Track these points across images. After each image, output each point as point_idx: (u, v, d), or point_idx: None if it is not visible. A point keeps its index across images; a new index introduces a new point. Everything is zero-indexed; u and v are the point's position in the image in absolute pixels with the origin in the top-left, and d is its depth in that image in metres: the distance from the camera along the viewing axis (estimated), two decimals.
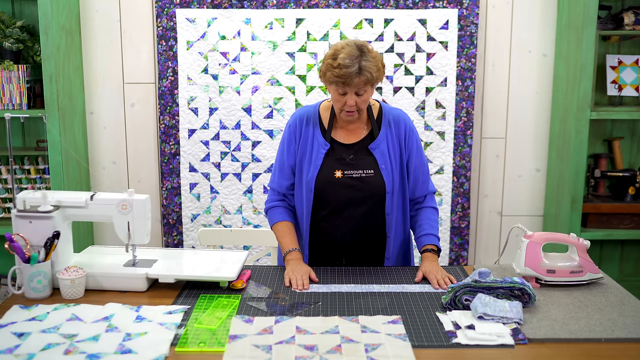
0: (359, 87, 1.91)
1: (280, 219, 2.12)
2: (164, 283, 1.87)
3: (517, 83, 3.26)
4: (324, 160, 2.05)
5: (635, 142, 3.32)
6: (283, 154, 2.12)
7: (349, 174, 2.03)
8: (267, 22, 3.14)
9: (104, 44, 3.22)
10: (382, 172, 2.04)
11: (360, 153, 2.06)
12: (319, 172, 2.04)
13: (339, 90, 1.94)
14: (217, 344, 1.50)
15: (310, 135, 2.08)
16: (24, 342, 1.49)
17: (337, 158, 2.05)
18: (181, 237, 3.31)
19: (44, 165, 3.15)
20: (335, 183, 2.03)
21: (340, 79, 1.89)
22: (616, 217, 3.12)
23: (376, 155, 2.05)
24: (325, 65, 1.94)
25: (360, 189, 2.03)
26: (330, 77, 1.91)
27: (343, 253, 2.12)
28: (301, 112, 2.13)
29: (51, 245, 1.81)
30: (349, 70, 1.87)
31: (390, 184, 2.04)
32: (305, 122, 2.09)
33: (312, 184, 2.04)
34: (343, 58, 1.88)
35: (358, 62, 1.88)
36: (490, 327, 1.56)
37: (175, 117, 3.21)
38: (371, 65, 1.89)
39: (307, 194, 2.06)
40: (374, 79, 1.92)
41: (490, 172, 3.34)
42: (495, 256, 3.39)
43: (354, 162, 2.04)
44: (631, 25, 2.97)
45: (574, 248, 1.91)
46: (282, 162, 2.12)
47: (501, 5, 3.19)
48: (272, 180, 2.17)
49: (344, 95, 1.94)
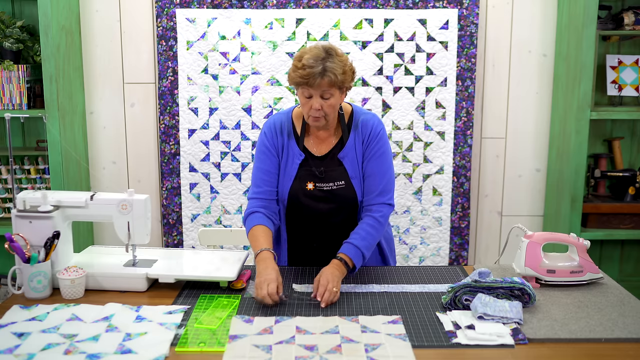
0: (323, 90, 1.88)
1: (254, 223, 2.00)
2: (164, 283, 1.87)
3: (517, 83, 3.26)
4: (297, 171, 2.03)
5: (635, 142, 3.32)
6: (260, 162, 2.06)
7: (320, 186, 2.02)
8: (267, 22, 3.14)
9: (104, 44, 3.22)
10: (352, 181, 2.02)
11: (330, 165, 2.03)
12: (292, 184, 2.03)
13: (304, 93, 1.91)
14: (217, 344, 1.50)
15: (285, 145, 2.05)
16: (24, 342, 1.49)
17: (309, 170, 2.03)
18: (181, 237, 3.31)
19: (44, 165, 3.15)
20: (308, 195, 2.02)
21: (304, 79, 1.87)
22: (616, 217, 3.12)
23: (346, 164, 2.03)
24: (292, 67, 1.92)
25: (332, 201, 2.03)
26: (295, 77, 1.89)
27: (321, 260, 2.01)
28: (274, 121, 2.09)
29: (51, 245, 1.81)
30: (312, 71, 1.85)
31: (361, 193, 2.04)
32: (280, 132, 2.06)
33: (285, 196, 2.04)
34: (307, 59, 1.87)
35: (322, 64, 1.86)
36: (490, 327, 1.56)
37: (175, 117, 3.21)
38: (336, 67, 1.87)
39: (281, 205, 2.07)
40: (339, 82, 1.88)
41: (490, 172, 3.34)
42: (495, 256, 3.39)
43: (323, 175, 2.02)
44: (631, 25, 2.97)
45: (574, 248, 1.91)
46: (262, 170, 2.06)
47: (501, 5, 3.19)
48: (251, 191, 2.08)
49: (309, 99, 1.91)
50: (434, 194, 3.26)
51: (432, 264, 3.32)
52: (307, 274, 1.99)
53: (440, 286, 1.89)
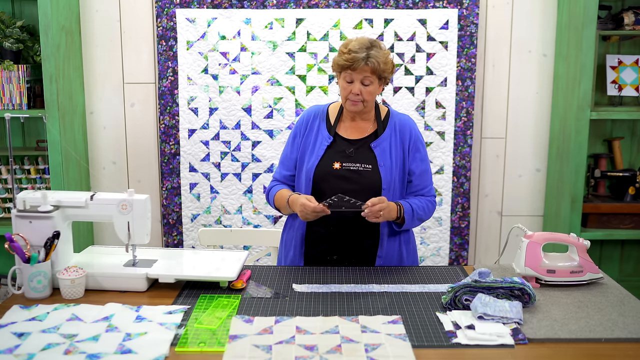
0: (364, 76, 2.02)
1: (277, 190, 2.19)
2: (164, 283, 1.87)
3: (517, 83, 3.26)
4: (325, 152, 2.12)
5: (635, 142, 3.32)
6: (288, 147, 2.23)
7: (347, 166, 2.10)
8: (267, 22, 3.14)
9: (104, 44, 3.22)
10: (379, 168, 2.09)
11: (361, 148, 2.13)
12: (318, 163, 2.11)
13: (346, 77, 2.05)
14: (217, 344, 1.50)
15: (316, 129, 2.18)
16: (24, 342, 1.49)
17: (338, 151, 2.13)
18: (181, 237, 3.31)
19: (44, 165, 3.15)
20: (333, 174, 2.09)
21: (348, 63, 2.00)
22: (616, 217, 3.12)
23: (377, 152, 2.11)
24: (337, 53, 2.07)
25: (356, 182, 2.08)
26: (339, 61, 2.04)
27: (335, 247, 2.12)
28: (311, 109, 2.25)
29: (51, 245, 1.81)
30: (357, 56, 1.99)
31: (387, 181, 2.08)
32: (313, 117, 2.21)
33: (311, 174, 2.11)
34: (354, 45, 2.02)
35: (367, 51, 2.00)
36: (490, 327, 1.56)
37: (175, 117, 3.21)
38: (379, 56, 2.01)
39: (306, 183, 2.12)
40: (381, 70, 2.02)
41: (490, 172, 3.34)
42: (495, 256, 3.39)
43: (353, 154, 2.11)
44: (631, 25, 2.97)
45: (574, 248, 1.91)
46: (285, 155, 2.24)
47: (501, 5, 3.19)
48: (276, 171, 2.27)
49: (350, 84, 2.05)
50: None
51: (432, 264, 3.32)
52: (307, 274, 1.99)
53: (440, 286, 1.89)
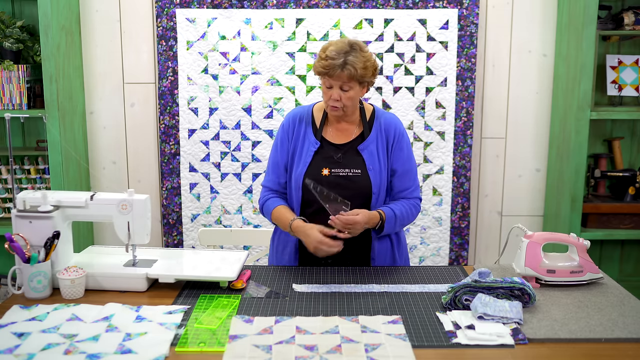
0: (342, 82, 1.98)
1: (277, 204, 2.14)
2: (164, 283, 1.87)
3: (517, 83, 3.26)
4: (313, 158, 2.10)
5: (635, 142, 3.32)
6: (277, 152, 2.18)
7: (336, 172, 2.08)
8: (267, 22, 3.14)
9: (104, 44, 3.22)
10: (369, 172, 2.07)
11: (349, 153, 2.10)
12: (307, 170, 2.08)
13: (325, 82, 2.02)
14: (217, 344, 1.50)
15: (302, 134, 2.14)
16: (24, 342, 1.49)
17: (326, 157, 2.10)
18: (181, 237, 3.31)
19: (44, 165, 3.15)
20: (322, 180, 2.06)
21: (324, 70, 1.97)
22: (616, 217, 3.12)
23: (365, 156, 2.09)
24: (317, 57, 2.03)
25: (347, 187, 2.06)
26: (318, 67, 2.00)
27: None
28: (295, 112, 2.20)
29: (51, 245, 1.81)
30: (333, 62, 1.95)
31: (377, 185, 2.07)
32: (298, 121, 2.16)
33: (300, 181, 2.08)
34: (331, 51, 1.98)
35: (344, 57, 1.95)
36: (490, 327, 1.56)
37: (175, 117, 3.21)
38: (357, 61, 1.96)
39: (296, 191, 2.10)
40: (358, 76, 1.97)
41: (490, 172, 3.34)
42: (495, 256, 3.39)
43: (341, 160, 2.08)
44: (631, 25, 2.97)
45: (574, 248, 1.91)
46: (275, 161, 2.18)
47: (501, 5, 3.19)
48: (266, 179, 2.22)
49: (330, 89, 2.01)
50: (434, 194, 3.26)
51: (432, 264, 3.32)
52: (307, 274, 1.99)
53: (440, 286, 1.89)
